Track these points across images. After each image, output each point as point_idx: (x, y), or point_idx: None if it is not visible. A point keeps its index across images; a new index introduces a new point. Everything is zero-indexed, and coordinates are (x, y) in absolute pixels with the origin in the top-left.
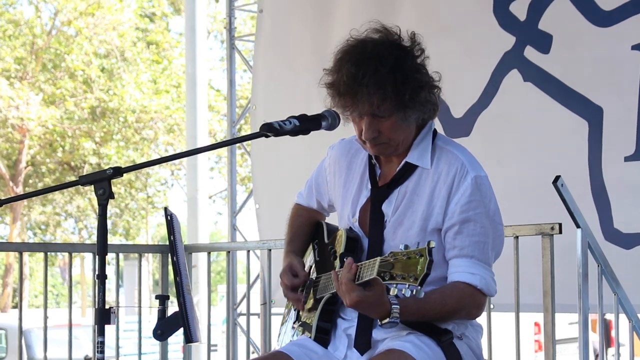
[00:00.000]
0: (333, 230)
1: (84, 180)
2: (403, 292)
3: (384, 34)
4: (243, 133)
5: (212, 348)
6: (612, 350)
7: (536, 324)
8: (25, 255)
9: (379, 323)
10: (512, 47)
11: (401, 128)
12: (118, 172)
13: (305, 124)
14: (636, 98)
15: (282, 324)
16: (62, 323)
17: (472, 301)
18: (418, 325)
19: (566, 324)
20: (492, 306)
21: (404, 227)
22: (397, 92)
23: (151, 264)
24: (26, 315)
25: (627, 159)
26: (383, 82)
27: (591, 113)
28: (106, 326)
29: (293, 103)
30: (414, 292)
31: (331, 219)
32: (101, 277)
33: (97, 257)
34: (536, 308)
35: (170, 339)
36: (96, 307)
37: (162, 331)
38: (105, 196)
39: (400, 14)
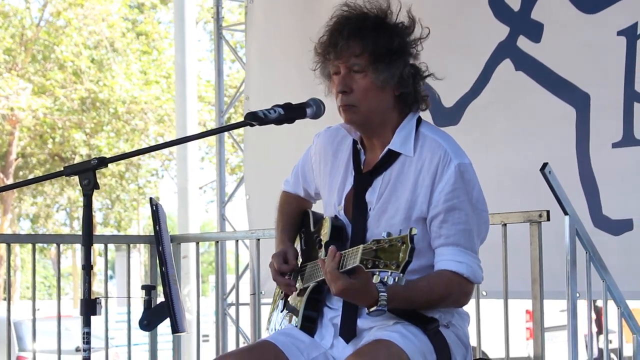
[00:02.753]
0: (319, 218)
1: (68, 171)
2: (386, 280)
3: (375, 6)
4: (232, 122)
5: (203, 339)
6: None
7: (527, 312)
8: (17, 247)
9: (367, 311)
10: (505, 37)
11: (373, 90)
12: (103, 162)
13: (290, 113)
14: (622, 84)
15: (271, 312)
16: (53, 314)
17: (459, 289)
18: (404, 314)
19: (557, 311)
20: (484, 293)
21: (388, 214)
22: (376, 47)
23: (143, 255)
24: (18, 306)
25: (614, 145)
26: (365, 35)
27: (578, 100)
28: (95, 317)
29: (286, 93)
30: (396, 280)
31: (317, 207)
32: (87, 268)
33: (82, 247)
34: (525, 295)
35: (162, 330)
36: (82, 297)
37: (148, 321)
38: (90, 186)
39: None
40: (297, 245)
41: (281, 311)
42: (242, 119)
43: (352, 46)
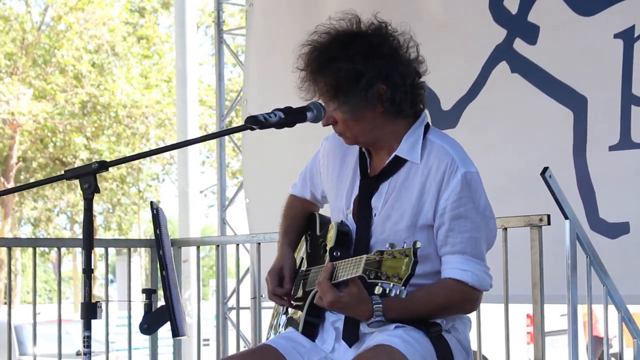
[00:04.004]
0: (326, 222)
1: (69, 175)
2: (388, 292)
3: (344, 22)
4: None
5: (204, 343)
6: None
7: (528, 316)
8: (17, 251)
9: (366, 323)
10: (503, 40)
11: (348, 121)
12: (103, 166)
13: (290, 116)
14: (619, 87)
15: (271, 326)
16: (54, 318)
17: (462, 297)
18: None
19: (558, 315)
20: None
21: (392, 220)
22: (330, 84)
23: (144, 259)
24: (18, 311)
25: (611, 148)
26: (320, 71)
27: (576, 103)
28: (96, 321)
29: (285, 97)
30: (398, 292)
31: (325, 211)
32: (87, 272)
33: (83, 251)
34: (526, 299)
35: (163, 334)
36: (82, 301)
37: (149, 325)
38: (90, 190)
39: (394, 9)
40: (303, 248)
41: (283, 314)
42: (241, 123)
43: (316, 85)
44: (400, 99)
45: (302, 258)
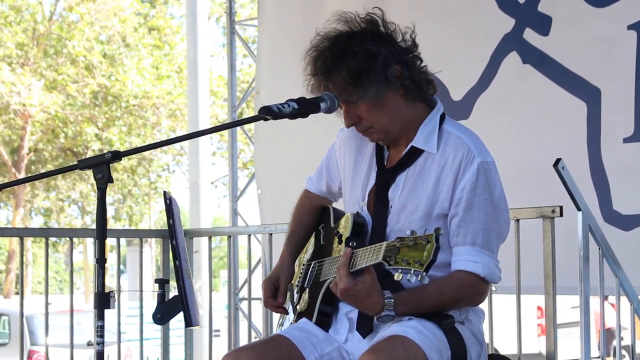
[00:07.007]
0: (340, 215)
1: (82, 165)
2: (408, 278)
3: (342, 21)
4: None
5: (215, 333)
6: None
7: (539, 308)
8: (28, 241)
9: (375, 318)
10: (511, 29)
11: (377, 109)
12: (117, 156)
13: (303, 107)
14: (633, 78)
15: (280, 324)
16: (65, 309)
17: (472, 290)
18: None
19: (568, 308)
20: (493, 289)
21: (408, 210)
22: (350, 72)
23: (154, 249)
24: (29, 301)
25: (625, 140)
26: (334, 67)
27: (589, 94)
28: (107, 311)
29: (296, 88)
30: (419, 278)
31: (338, 206)
32: (100, 261)
33: (96, 241)
34: (538, 290)
35: (174, 325)
36: (95, 291)
37: (162, 315)
38: (104, 180)
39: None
40: (312, 241)
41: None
42: (254, 114)
43: (332, 83)
44: (417, 77)
45: (311, 252)
